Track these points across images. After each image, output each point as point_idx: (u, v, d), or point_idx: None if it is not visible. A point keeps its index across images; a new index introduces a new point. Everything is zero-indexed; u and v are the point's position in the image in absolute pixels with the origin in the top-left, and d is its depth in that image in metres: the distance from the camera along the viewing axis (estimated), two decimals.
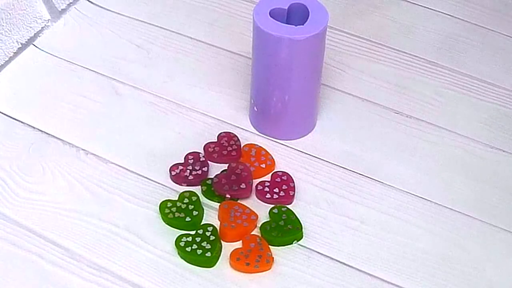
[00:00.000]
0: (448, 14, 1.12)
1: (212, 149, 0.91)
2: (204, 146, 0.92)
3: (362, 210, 0.87)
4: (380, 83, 1.01)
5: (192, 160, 0.89)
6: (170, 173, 0.88)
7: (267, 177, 0.89)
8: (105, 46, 1.04)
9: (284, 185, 0.88)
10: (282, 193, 0.87)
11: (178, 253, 0.82)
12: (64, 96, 0.98)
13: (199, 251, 0.81)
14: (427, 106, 0.99)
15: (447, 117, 0.98)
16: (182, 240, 0.82)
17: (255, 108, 0.93)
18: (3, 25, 0.99)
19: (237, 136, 0.93)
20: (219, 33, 1.07)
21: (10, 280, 0.79)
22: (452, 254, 0.84)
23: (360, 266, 0.82)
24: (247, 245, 0.82)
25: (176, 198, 0.85)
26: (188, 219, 0.83)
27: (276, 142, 0.94)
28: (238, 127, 0.95)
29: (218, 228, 0.83)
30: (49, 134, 0.93)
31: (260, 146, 0.92)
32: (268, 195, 0.87)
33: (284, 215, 0.85)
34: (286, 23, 0.87)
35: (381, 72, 1.03)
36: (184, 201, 0.85)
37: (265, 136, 0.94)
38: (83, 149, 0.92)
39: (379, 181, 0.90)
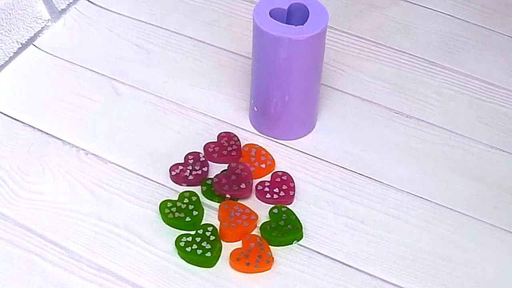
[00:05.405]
0: (448, 14, 1.12)
1: (212, 149, 0.91)
2: (204, 146, 0.92)
3: (362, 210, 0.87)
4: (380, 83, 1.01)
5: (192, 160, 0.89)
6: (170, 173, 0.88)
7: (267, 177, 0.89)
8: (105, 46, 1.04)
9: (284, 185, 0.88)
10: (282, 193, 0.87)
11: (178, 253, 0.82)
12: (64, 96, 0.98)
13: (199, 251, 0.81)
14: (427, 106, 0.99)
15: (447, 117, 0.98)
16: (182, 240, 0.82)
17: (255, 108, 0.93)
18: (3, 25, 0.99)
19: (237, 136, 0.93)
20: (219, 33, 1.07)
21: (10, 280, 0.79)
22: (452, 254, 0.84)
23: (360, 266, 0.82)
24: (247, 245, 0.82)
25: (176, 198, 0.85)
26: (188, 219, 0.83)
27: (276, 142, 0.93)
28: (238, 127, 0.95)
29: (218, 228, 0.83)
30: (49, 134, 0.93)
31: (260, 146, 0.92)
32: (268, 195, 0.87)
33: (284, 215, 0.85)
34: (286, 23, 0.87)
35: (381, 72, 1.03)
36: (184, 201, 0.85)
37: (265, 136, 0.94)
38: (83, 149, 0.92)
39: (379, 181, 0.90)
